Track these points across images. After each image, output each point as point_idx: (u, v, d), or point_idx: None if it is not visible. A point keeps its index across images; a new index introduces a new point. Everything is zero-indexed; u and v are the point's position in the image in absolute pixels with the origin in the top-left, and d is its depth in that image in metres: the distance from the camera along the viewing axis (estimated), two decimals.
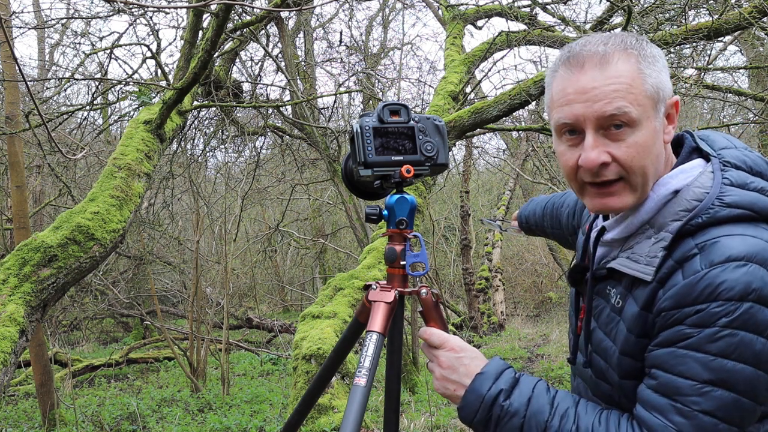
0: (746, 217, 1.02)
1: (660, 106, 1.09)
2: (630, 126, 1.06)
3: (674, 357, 1.00)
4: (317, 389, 1.63)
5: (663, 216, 1.08)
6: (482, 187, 15.77)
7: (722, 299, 0.96)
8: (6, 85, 4.95)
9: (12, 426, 5.85)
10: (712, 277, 0.98)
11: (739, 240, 0.99)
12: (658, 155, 1.10)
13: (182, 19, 7.41)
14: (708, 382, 0.97)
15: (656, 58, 1.10)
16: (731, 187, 1.04)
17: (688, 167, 1.10)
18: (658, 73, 1.09)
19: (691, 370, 0.98)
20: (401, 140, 1.38)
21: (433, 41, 32.48)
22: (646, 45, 1.11)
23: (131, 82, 6.11)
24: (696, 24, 4.73)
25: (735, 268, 0.97)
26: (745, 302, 0.96)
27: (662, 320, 1.02)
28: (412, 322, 7.03)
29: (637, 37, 1.12)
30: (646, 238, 1.09)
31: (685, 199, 1.06)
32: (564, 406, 1.09)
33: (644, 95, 1.07)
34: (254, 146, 9.09)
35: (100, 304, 10.27)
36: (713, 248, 1.00)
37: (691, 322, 0.98)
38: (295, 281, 14.75)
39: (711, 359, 0.97)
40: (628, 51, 1.08)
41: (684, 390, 0.98)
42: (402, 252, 1.40)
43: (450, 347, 1.22)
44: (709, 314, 0.97)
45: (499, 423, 1.11)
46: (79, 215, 3.62)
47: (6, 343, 2.92)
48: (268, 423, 5.42)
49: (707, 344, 0.97)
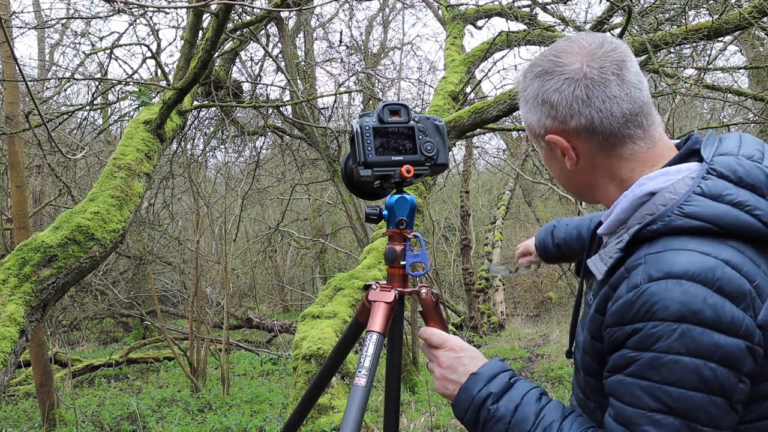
0: (705, 230, 0.97)
1: (539, 140, 1.18)
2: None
3: (623, 385, 0.98)
4: (317, 389, 1.63)
5: (634, 218, 1.05)
6: (482, 187, 15.77)
7: (657, 319, 0.93)
8: (6, 85, 4.95)
9: (12, 426, 5.85)
10: (648, 294, 0.94)
11: (686, 256, 0.95)
12: (558, 176, 1.20)
13: (182, 19, 7.42)
14: (657, 411, 0.94)
15: (527, 99, 1.16)
16: (700, 197, 0.99)
17: (673, 170, 1.06)
18: (529, 113, 1.16)
19: (639, 399, 0.95)
20: (401, 140, 1.38)
21: (433, 41, 32.50)
22: (527, 83, 1.15)
23: (131, 82, 6.11)
24: (696, 24, 4.73)
25: (672, 286, 0.93)
26: (683, 324, 0.92)
27: (608, 337, 1.01)
28: (412, 322, 7.03)
29: (526, 75, 1.16)
30: (617, 238, 1.08)
31: (654, 203, 1.03)
32: (549, 418, 1.08)
33: (527, 130, 1.20)
34: (254, 146, 9.09)
35: (100, 304, 10.27)
36: (656, 261, 0.96)
37: (631, 343, 0.96)
38: (295, 281, 14.75)
39: (656, 387, 0.93)
40: (519, 88, 1.19)
41: (636, 419, 0.96)
42: (402, 252, 1.40)
43: (450, 347, 1.22)
44: (646, 336, 0.94)
45: (486, 426, 1.11)
46: (79, 215, 3.62)
47: (6, 343, 2.93)
48: (268, 423, 5.42)
49: (649, 371, 0.94)
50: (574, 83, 1.08)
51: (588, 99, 1.08)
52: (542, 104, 1.12)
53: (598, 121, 1.08)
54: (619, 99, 1.07)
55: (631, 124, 1.09)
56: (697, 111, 11.11)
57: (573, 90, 1.08)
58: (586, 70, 1.08)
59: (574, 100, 1.08)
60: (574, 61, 1.09)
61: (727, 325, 0.92)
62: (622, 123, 1.08)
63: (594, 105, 1.07)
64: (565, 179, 1.19)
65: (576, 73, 1.08)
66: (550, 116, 1.11)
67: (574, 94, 1.08)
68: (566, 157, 1.14)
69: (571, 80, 1.08)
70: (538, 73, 1.13)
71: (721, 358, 0.92)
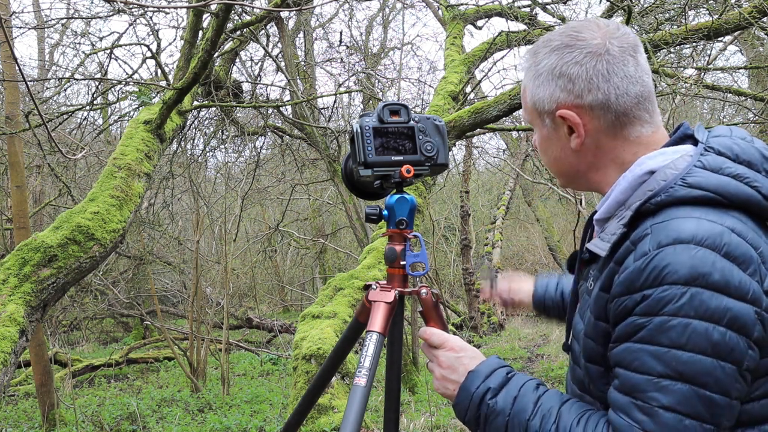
0: (708, 200, 0.99)
1: (544, 118, 1.16)
2: (531, 127, 1.23)
3: (630, 352, 0.97)
4: (317, 389, 1.63)
5: (635, 196, 1.06)
6: (482, 187, 15.77)
7: (667, 283, 0.93)
8: (6, 85, 4.95)
9: (12, 426, 5.85)
10: (658, 259, 0.94)
11: (693, 222, 0.96)
12: (555, 158, 1.19)
13: (182, 19, 7.42)
14: (664, 376, 0.93)
15: (540, 73, 1.14)
16: (701, 169, 1.02)
17: (670, 150, 1.09)
18: (539, 87, 1.15)
19: (646, 364, 0.95)
20: (401, 140, 1.38)
21: (433, 41, 32.49)
22: (542, 56, 1.15)
23: (131, 82, 6.11)
24: (696, 24, 4.73)
25: (681, 251, 0.93)
26: (692, 287, 0.92)
27: (615, 308, 1.00)
28: (412, 322, 7.03)
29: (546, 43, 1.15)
30: (617, 219, 1.09)
31: (656, 180, 1.04)
32: (548, 405, 1.08)
33: (528, 106, 1.19)
34: (254, 146, 9.09)
35: (100, 304, 10.26)
36: (664, 229, 0.97)
37: (640, 310, 0.95)
38: (295, 281, 14.75)
39: (664, 351, 0.93)
40: (528, 63, 1.18)
41: (642, 386, 0.95)
42: (402, 252, 1.40)
43: (450, 347, 1.22)
44: (655, 300, 0.94)
45: (487, 421, 1.11)
46: (79, 215, 3.62)
47: (6, 343, 2.93)
48: (268, 423, 5.42)
49: (658, 335, 0.93)
50: (596, 57, 1.09)
51: (608, 74, 1.09)
52: (559, 77, 1.12)
53: (614, 98, 1.10)
54: (634, 80, 1.10)
55: (641, 106, 1.11)
56: (697, 111, 11.11)
57: (595, 64, 1.09)
58: (608, 46, 1.10)
59: (595, 75, 1.09)
60: (595, 36, 1.11)
61: (735, 289, 0.92)
62: (634, 104, 1.10)
63: (612, 81, 1.09)
64: (563, 161, 1.18)
65: (599, 48, 1.09)
66: (566, 90, 1.11)
67: (595, 68, 1.09)
68: (573, 135, 1.13)
69: (593, 54, 1.09)
70: (555, 47, 1.13)
71: (730, 321, 0.92)
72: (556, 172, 1.22)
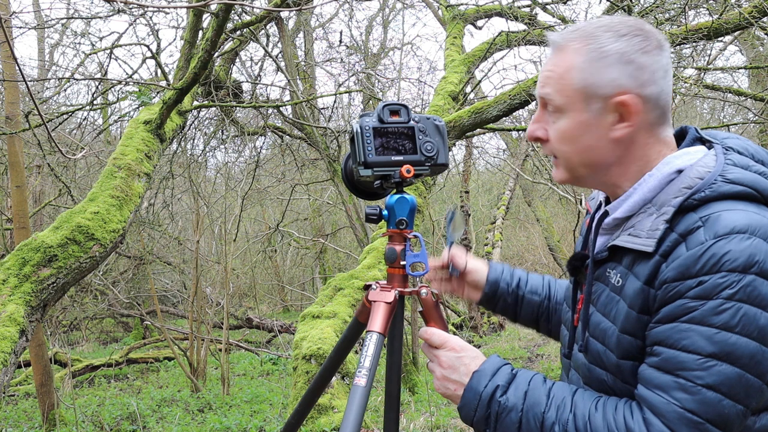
0: (748, 195, 1.03)
1: (592, 102, 1.11)
2: (557, 112, 1.15)
3: (677, 332, 0.99)
4: (317, 389, 1.63)
5: (666, 193, 1.08)
6: (482, 187, 15.77)
7: (725, 270, 0.96)
8: (6, 85, 4.95)
9: (12, 426, 5.85)
10: (717, 248, 0.97)
11: (743, 214, 1.00)
12: (587, 147, 1.13)
13: (182, 19, 7.42)
14: (712, 356, 0.96)
15: (606, 54, 1.10)
16: (734, 166, 1.06)
17: (692, 150, 1.12)
18: (600, 69, 1.10)
19: (695, 343, 0.97)
20: (401, 140, 1.38)
21: (433, 41, 32.48)
22: (606, 39, 1.10)
23: (131, 82, 6.11)
24: (696, 24, 4.73)
25: (740, 240, 0.97)
26: (748, 274, 0.96)
27: (664, 293, 1.01)
28: (412, 322, 7.02)
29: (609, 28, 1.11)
30: (648, 216, 1.09)
31: (689, 177, 1.07)
32: (561, 395, 1.09)
33: (572, 88, 1.12)
34: (254, 146, 9.09)
35: (100, 304, 10.26)
36: (717, 220, 1.00)
37: (693, 294, 0.98)
38: (295, 281, 14.74)
39: (715, 332, 0.96)
40: (582, 44, 1.12)
41: (687, 364, 0.97)
42: (402, 252, 1.40)
43: (450, 347, 1.22)
44: (712, 285, 0.96)
45: (498, 419, 1.11)
46: (79, 215, 3.62)
47: (6, 343, 2.92)
48: (268, 423, 5.42)
49: (711, 317, 0.96)
50: (663, 53, 1.12)
51: (666, 72, 1.12)
52: (627, 63, 1.09)
53: (664, 96, 1.12)
54: (671, 84, 1.14)
55: (670, 108, 1.15)
56: (697, 111, 11.11)
57: (661, 58, 1.11)
58: (665, 42, 1.12)
59: (660, 68, 1.11)
60: (655, 30, 1.13)
61: None
62: (669, 104, 1.15)
63: (666, 79, 1.12)
64: (594, 151, 1.14)
65: (663, 42, 1.12)
66: (633, 77, 1.09)
67: (661, 63, 1.11)
68: (622, 124, 1.11)
69: (661, 48, 1.11)
70: (624, 33, 1.11)
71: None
72: (581, 162, 1.16)
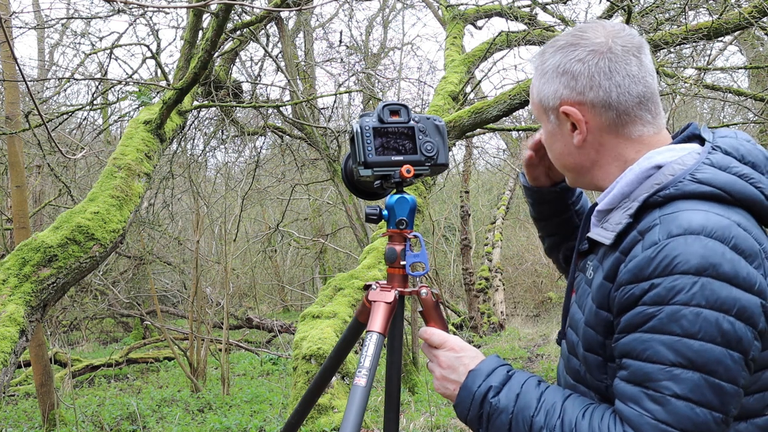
0: (714, 195, 1.01)
1: (549, 114, 1.19)
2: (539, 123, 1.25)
3: (640, 342, 0.98)
4: (317, 389, 1.63)
5: (641, 189, 1.08)
6: (482, 187, 15.77)
7: (678, 272, 0.95)
8: (6, 85, 4.95)
9: (12, 426, 5.85)
10: (669, 249, 0.96)
11: (702, 215, 0.98)
12: (560, 154, 1.21)
13: (182, 19, 7.42)
14: (676, 365, 0.94)
15: (545, 70, 1.17)
16: (709, 167, 1.04)
17: (678, 147, 1.11)
18: (544, 84, 1.17)
19: (658, 353, 0.96)
20: (401, 140, 1.38)
21: (433, 41, 32.48)
22: (548, 54, 1.17)
23: (131, 82, 6.11)
24: (696, 24, 4.73)
25: (692, 241, 0.95)
26: (703, 277, 0.94)
27: (621, 295, 1.01)
28: (412, 322, 7.02)
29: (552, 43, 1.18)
30: (621, 210, 1.10)
31: (663, 173, 1.06)
32: (551, 400, 1.08)
33: (533, 103, 1.23)
34: (254, 146, 9.10)
35: (100, 304, 10.26)
36: (674, 220, 0.99)
37: (648, 299, 0.97)
38: (295, 281, 14.75)
39: (676, 340, 0.94)
40: (536, 62, 1.21)
41: (653, 375, 0.96)
42: (402, 252, 1.40)
43: (450, 347, 1.22)
44: (665, 289, 0.95)
45: (490, 420, 1.11)
46: (79, 215, 3.62)
47: (6, 343, 2.92)
48: (268, 423, 5.42)
49: (670, 324, 0.95)
50: (598, 55, 1.11)
51: (609, 72, 1.11)
52: (562, 74, 1.14)
53: (615, 97, 1.11)
54: (637, 79, 1.12)
55: (643, 106, 1.13)
56: (697, 111, 11.11)
57: (597, 62, 1.11)
58: (611, 44, 1.12)
59: (597, 72, 1.11)
60: (599, 35, 1.13)
61: (743, 281, 0.95)
62: (636, 103, 1.12)
63: (614, 80, 1.11)
64: (567, 156, 1.20)
65: (601, 47, 1.12)
66: (569, 86, 1.14)
67: (597, 66, 1.11)
68: (576, 132, 1.15)
69: (595, 52, 1.12)
70: (561, 46, 1.16)
71: (738, 312, 0.94)
72: (562, 167, 1.24)
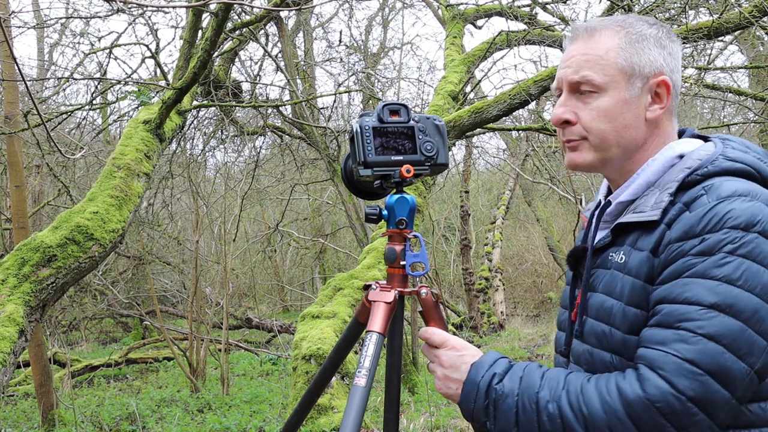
0: (747, 172, 1.08)
1: (634, 80, 1.17)
2: (595, 92, 1.17)
3: (680, 286, 1.01)
4: (317, 389, 1.63)
5: (669, 175, 1.13)
6: (482, 187, 15.76)
7: (728, 227, 0.99)
8: (5, 84, 4.94)
9: (11, 426, 5.85)
10: (720, 208, 1.01)
11: (745, 183, 1.05)
12: (625, 125, 1.17)
13: (181, 18, 7.41)
14: (714, 307, 0.97)
15: (645, 37, 1.18)
16: (733, 150, 1.12)
17: (693, 141, 1.19)
18: (641, 50, 1.17)
19: (697, 294, 0.98)
20: (401, 140, 1.38)
21: (433, 41, 32.50)
22: (640, 25, 1.19)
23: (130, 82, 6.11)
24: (696, 24, 4.73)
25: (741, 201, 1.01)
26: (750, 233, 0.99)
27: (667, 254, 1.04)
28: (412, 322, 7.02)
29: (639, 18, 1.22)
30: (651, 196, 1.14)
31: (690, 158, 1.13)
32: (554, 376, 1.10)
33: (615, 67, 1.17)
34: (254, 146, 9.09)
35: (99, 304, 10.26)
36: (720, 187, 1.05)
37: (696, 251, 1.01)
38: (294, 281, 14.74)
39: (717, 284, 0.98)
40: (617, 28, 1.19)
41: (689, 315, 0.98)
42: (402, 252, 1.39)
43: (451, 346, 1.22)
44: (714, 241, 0.99)
45: (497, 406, 1.11)
46: (79, 215, 3.61)
47: (5, 343, 2.92)
48: (268, 423, 5.41)
49: (713, 269, 0.98)
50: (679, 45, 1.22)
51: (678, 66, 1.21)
52: (662, 48, 1.19)
53: (678, 87, 1.21)
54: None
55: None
56: (697, 111, 11.11)
57: (681, 50, 1.22)
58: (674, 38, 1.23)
59: (679, 60, 1.21)
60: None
61: None
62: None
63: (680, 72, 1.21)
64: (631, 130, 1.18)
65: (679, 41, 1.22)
66: (666, 61, 1.19)
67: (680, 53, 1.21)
68: (655, 105, 1.18)
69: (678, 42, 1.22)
70: (654, 23, 1.20)
71: None
72: (617, 140, 1.18)
